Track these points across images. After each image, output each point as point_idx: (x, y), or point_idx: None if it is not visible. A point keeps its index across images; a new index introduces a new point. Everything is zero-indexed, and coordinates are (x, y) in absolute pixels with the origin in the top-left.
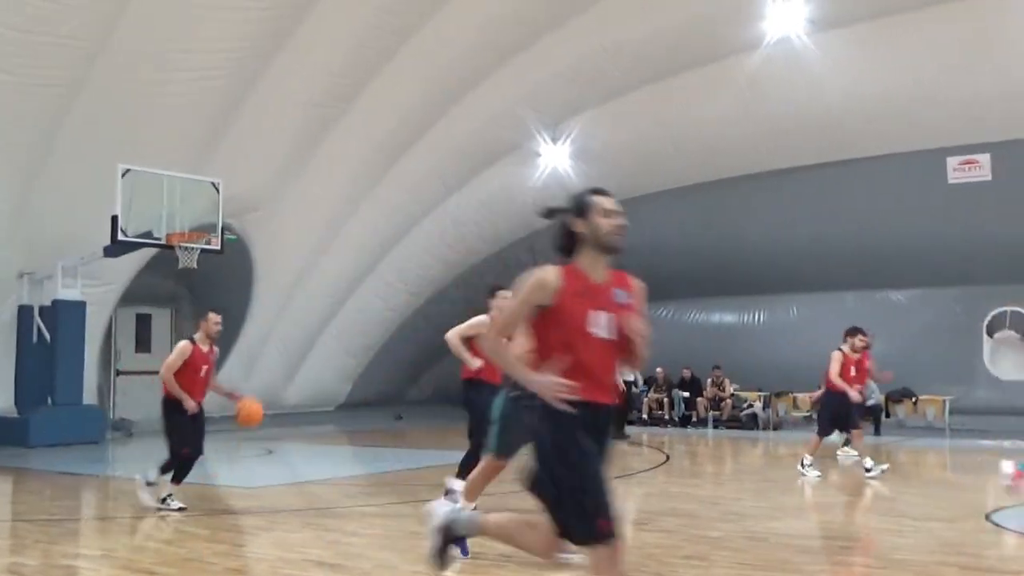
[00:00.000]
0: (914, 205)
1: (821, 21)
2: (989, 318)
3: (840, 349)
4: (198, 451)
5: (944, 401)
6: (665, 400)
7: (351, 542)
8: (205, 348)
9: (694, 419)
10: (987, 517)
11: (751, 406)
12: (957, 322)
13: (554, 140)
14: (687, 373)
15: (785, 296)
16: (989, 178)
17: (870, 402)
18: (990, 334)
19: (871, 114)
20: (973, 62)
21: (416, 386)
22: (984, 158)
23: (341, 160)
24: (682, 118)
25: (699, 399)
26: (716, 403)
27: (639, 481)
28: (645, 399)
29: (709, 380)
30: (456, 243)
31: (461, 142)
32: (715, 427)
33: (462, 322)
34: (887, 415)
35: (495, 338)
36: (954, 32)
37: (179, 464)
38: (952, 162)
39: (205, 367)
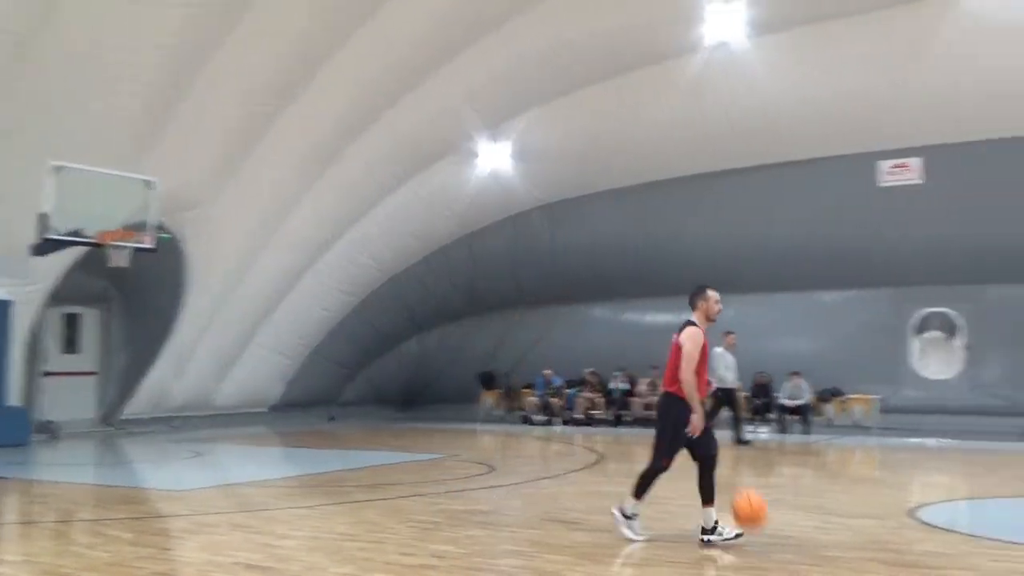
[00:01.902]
0: (847, 208)
1: (759, 26)
2: (917, 319)
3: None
4: None
5: (872, 400)
6: (600, 400)
7: (281, 544)
8: None
9: (629, 419)
10: (912, 514)
11: None
12: (886, 323)
13: (494, 140)
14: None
15: (721, 297)
16: (920, 181)
17: (799, 401)
18: (918, 335)
19: (806, 118)
20: (906, 67)
21: (352, 386)
22: (915, 162)
23: (277, 159)
24: (623, 120)
25: (635, 399)
26: (652, 404)
27: (570, 480)
28: (576, 399)
29: (648, 380)
30: (393, 243)
31: (399, 142)
32: (650, 426)
33: (399, 321)
34: (816, 414)
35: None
36: (887, 38)
37: None
38: (884, 165)
39: None
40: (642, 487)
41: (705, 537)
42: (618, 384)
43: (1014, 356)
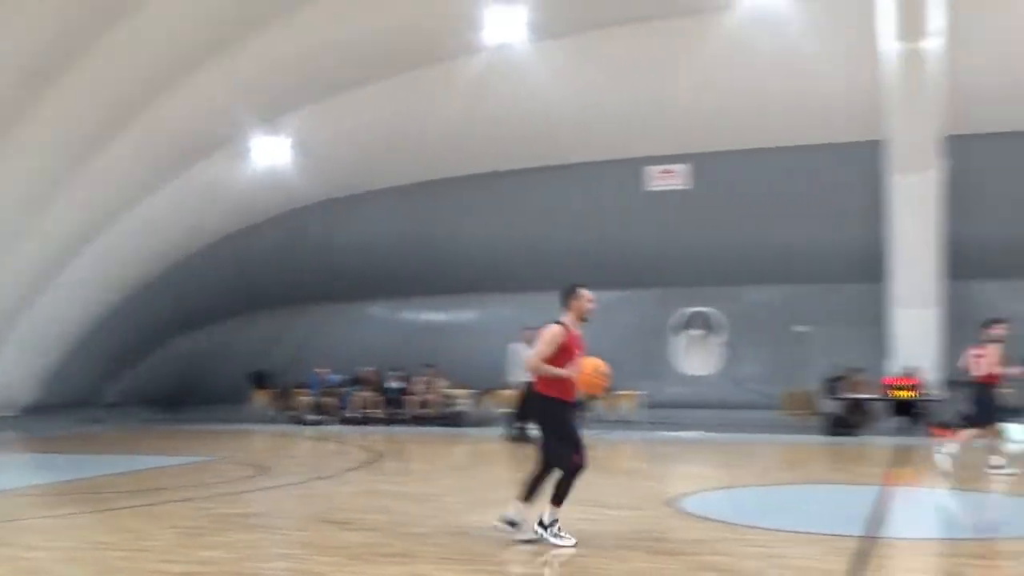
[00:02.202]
0: (617, 211)
1: (540, 30)
2: (679, 318)
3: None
4: None
5: (638, 396)
6: (376, 399)
7: (31, 557)
8: None
9: (404, 417)
10: (673, 503)
11: (460, 403)
12: (652, 322)
13: (270, 135)
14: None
15: (497, 296)
16: (686, 187)
17: None
18: (680, 333)
19: (582, 122)
20: (676, 77)
21: (116, 386)
22: (681, 168)
23: (35, 149)
24: (404, 118)
25: (410, 397)
26: (427, 402)
27: (345, 480)
28: (351, 398)
29: (423, 379)
30: (163, 237)
31: (168, 134)
32: (425, 425)
33: (168, 318)
34: (586, 410)
35: None
36: (660, 48)
37: None
38: (652, 171)
39: None
40: (561, 495)
41: (538, 531)
42: (392, 383)
43: (768, 353)
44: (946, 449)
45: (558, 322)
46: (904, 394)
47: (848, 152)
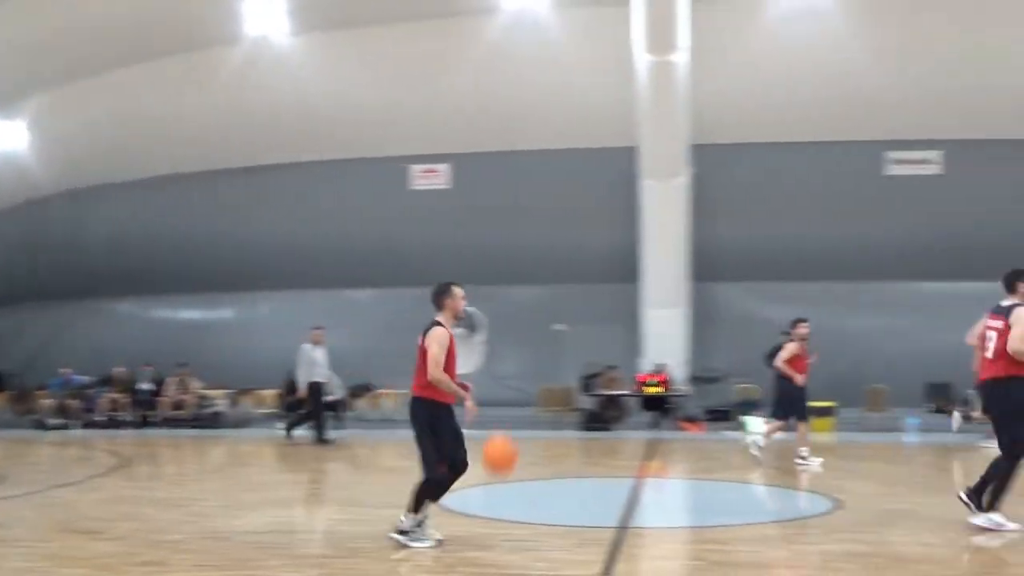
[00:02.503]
0: (380, 208)
1: (301, 22)
2: None
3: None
4: None
5: (400, 394)
6: (125, 400)
7: None
8: None
9: (156, 419)
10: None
11: (216, 404)
12: (413, 320)
13: (5, 119)
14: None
15: (253, 293)
16: (448, 186)
17: (333, 397)
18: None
19: (344, 118)
20: (438, 77)
21: None
22: (444, 167)
23: None
24: (157, 107)
25: (162, 398)
26: (181, 403)
27: (92, 487)
28: (99, 400)
29: (175, 379)
30: None
31: None
32: (178, 427)
33: None
34: (349, 409)
35: None
36: (423, 48)
37: None
38: (414, 170)
39: None
40: (419, 501)
41: (396, 537)
42: (143, 384)
43: (527, 352)
44: (755, 440)
45: (439, 323)
46: (655, 390)
47: (605, 157)
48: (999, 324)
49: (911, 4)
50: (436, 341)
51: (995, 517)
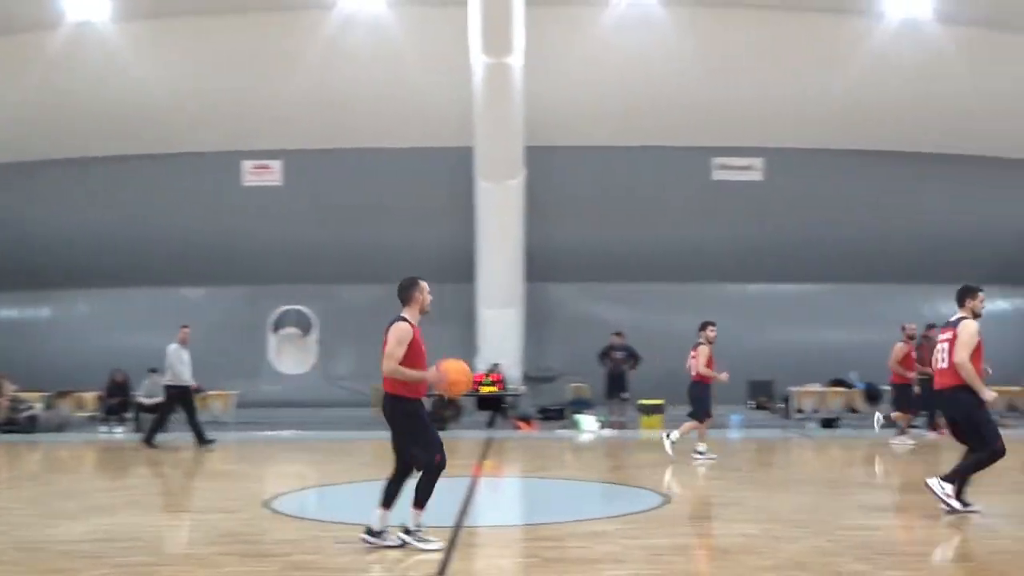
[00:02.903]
0: (210, 204)
1: (126, 10)
2: (274, 316)
3: None
4: None
5: (230, 396)
6: None
7: None
8: None
9: None
10: (266, 504)
11: (31, 408)
12: (245, 319)
13: None
14: None
15: (74, 291)
16: (280, 183)
17: (158, 399)
18: (274, 331)
19: (175, 110)
20: (272, 72)
21: None
22: (276, 164)
23: None
24: None
25: None
26: None
27: None
28: None
29: None
30: None
31: None
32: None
33: None
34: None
35: None
36: (257, 41)
37: None
38: (247, 165)
39: None
40: (425, 495)
41: (403, 537)
42: None
43: (362, 351)
44: (670, 438)
45: (403, 318)
46: (490, 389)
47: (442, 157)
48: (949, 336)
49: (737, 17)
50: (394, 335)
51: (948, 489)
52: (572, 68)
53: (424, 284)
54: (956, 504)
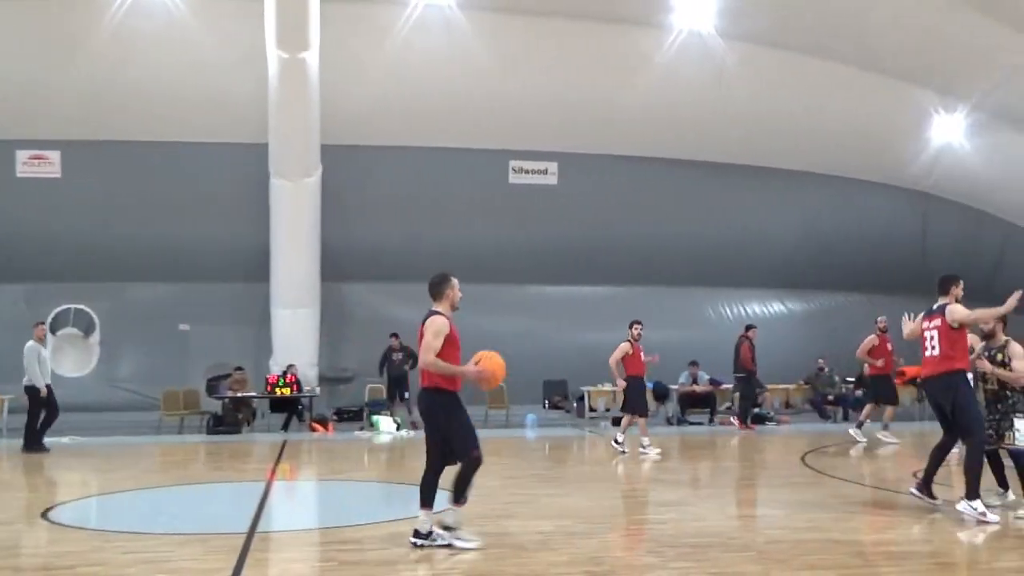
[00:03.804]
0: None
1: None
2: (53, 315)
3: None
4: None
5: (4, 400)
6: None
7: None
8: None
9: None
10: (45, 515)
11: None
12: (21, 319)
13: None
14: None
15: None
16: (59, 175)
17: None
18: (53, 331)
19: None
20: (49, 57)
21: None
22: (54, 155)
23: None
24: None
25: None
26: None
27: None
28: None
29: None
30: None
31: None
32: None
33: None
34: None
35: None
36: (32, 24)
37: None
38: (21, 156)
39: None
40: (465, 487)
41: (417, 541)
42: None
43: (149, 353)
44: (617, 442)
45: (437, 312)
46: (284, 391)
47: (236, 153)
48: (937, 323)
49: (534, 24)
50: (432, 329)
51: (977, 505)
52: (371, 67)
53: (455, 280)
54: (989, 515)
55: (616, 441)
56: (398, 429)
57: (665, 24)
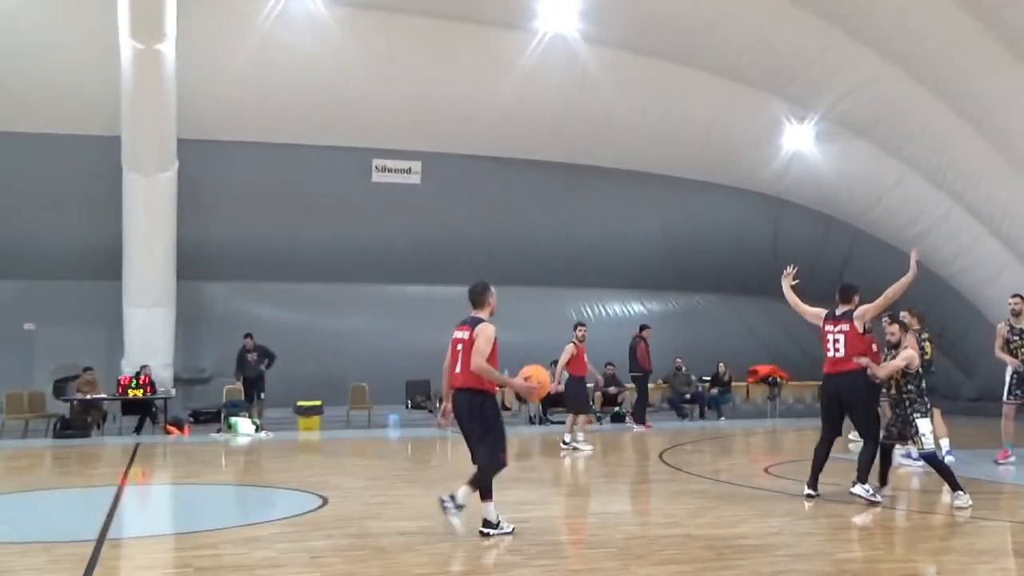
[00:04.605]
0: None
1: None
2: None
3: None
4: None
5: None
6: None
7: None
8: None
9: None
10: None
11: None
12: None
13: None
14: None
15: None
16: None
17: None
18: None
19: None
20: None
21: None
22: None
23: None
24: None
25: None
26: None
27: None
28: None
29: None
30: None
31: None
32: None
33: None
34: None
35: None
36: None
37: None
38: None
39: None
40: (487, 483)
41: (487, 531)
42: None
43: None
44: (569, 438)
45: (482, 319)
46: (137, 393)
47: (87, 145)
48: (845, 327)
49: (399, 22)
50: (484, 335)
51: (868, 488)
52: (231, 61)
53: (494, 289)
54: (877, 497)
55: (564, 443)
56: (257, 431)
57: (530, 27)
